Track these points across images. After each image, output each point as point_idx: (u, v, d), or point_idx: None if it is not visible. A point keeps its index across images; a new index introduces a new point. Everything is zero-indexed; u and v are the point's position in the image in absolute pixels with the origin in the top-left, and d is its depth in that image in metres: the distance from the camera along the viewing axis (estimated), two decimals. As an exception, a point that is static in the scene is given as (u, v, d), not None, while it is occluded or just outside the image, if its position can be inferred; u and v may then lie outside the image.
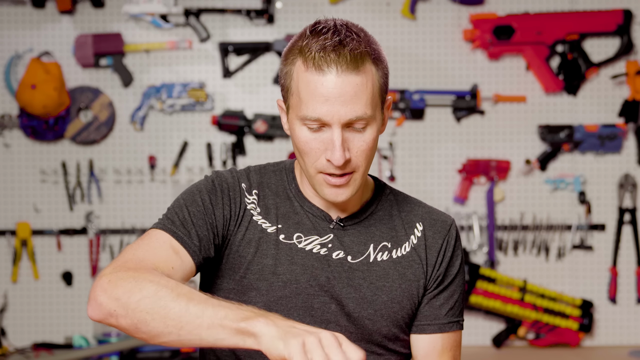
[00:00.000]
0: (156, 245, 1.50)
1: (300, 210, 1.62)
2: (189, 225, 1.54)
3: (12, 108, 3.57)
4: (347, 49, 1.45)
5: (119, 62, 3.54)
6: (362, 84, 1.46)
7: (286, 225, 1.60)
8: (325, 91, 1.45)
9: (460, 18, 3.57)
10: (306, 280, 1.57)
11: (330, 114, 1.46)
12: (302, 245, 1.59)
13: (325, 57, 1.45)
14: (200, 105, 3.56)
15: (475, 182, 3.57)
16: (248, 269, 1.58)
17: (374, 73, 1.49)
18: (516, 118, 3.58)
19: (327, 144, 1.49)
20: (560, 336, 3.53)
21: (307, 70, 1.47)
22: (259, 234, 1.59)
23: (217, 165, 3.58)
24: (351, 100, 1.46)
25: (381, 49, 1.55)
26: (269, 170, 1.67)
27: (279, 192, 1.64)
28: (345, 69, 1.45)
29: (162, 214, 1.59)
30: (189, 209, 1.56)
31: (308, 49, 1.47)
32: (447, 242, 1.65)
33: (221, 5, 3.56)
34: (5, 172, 3.58)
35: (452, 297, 1.65)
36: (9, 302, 3.60)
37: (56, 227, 3.58)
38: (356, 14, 3.56)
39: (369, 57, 1.48)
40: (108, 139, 3.58)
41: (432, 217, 1.67)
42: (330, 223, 1.61)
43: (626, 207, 3.59)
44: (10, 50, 3.56)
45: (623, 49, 3.53)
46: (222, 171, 1.66)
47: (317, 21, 1.51)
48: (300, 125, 1.50)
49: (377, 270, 1.60)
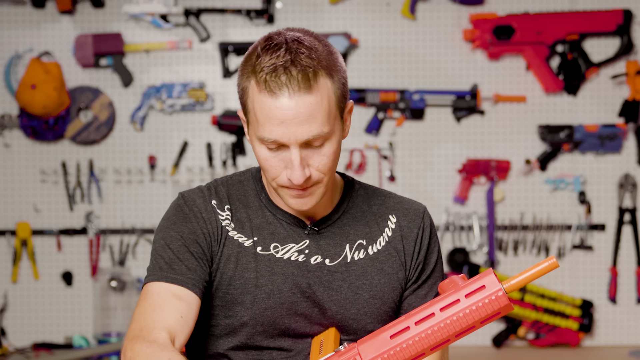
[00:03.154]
0: (159, 301, 1.51)
1: (273, 219, 1.61)
2: (177, 264, 1.55)
3: (12, 108, 3.57)
4: (298, 69, 1.43)
5: (119, 62, 3.54)
6: (317, 102, 1.45)
7: (262, 237, 1.60)
8: (279, 114, 1.44)
9: (460, 18, 3.57)
10: (288, 289, 1.58)
11: (287, 136, 1.45)
12: (279, 254, 1.59)
13: (276, 80, 1.43)
14: (200, 105, 3.56)
15: (475, 182, 3.57)
16: (230, 284, 1.58)
17: (329, 87, 1.47)
18: (516, 118, 3.58)
19: (287, 163, 1.49)
20: (560, 336, 3.53)
21: (260, 92, 1.45)
22: (236, 248, 1.59)
23: (217, 166, 3.58)
24: (306, 121, 1.45)
25: (337, 56, 1.51)
26: (235, 181, 1.66)
27: (249, 203, 1.63)
28: (298, 91, 1.43)
29: (148, 264, 1.59)
30: (171, 247, 1.57)
31: (260, 69, 1.45)
32: (422, 229, 1.65)
33: (221, 5, 3.56)
34: (5, 172, 3.58)
35: (436, 284, 1.66)
36: (9, 302, 3.60)
37: (56, 227, 3.58)
38: (356, 14, 3.56)
39: (322, 72, 1.46)
40: (108, 139, 3.58)
41: (404, 207, 1.67)
42: (304, 229, 1.61)
43: (626, 207, 3.59)
44: (10, 50, 3.56)
45: (623, 49, 3.53)
46: (189, 193, 1.65)
47: (269, 36, 1.49)
48: (259, 144, 1.50)
49: (355, 269, 1.61)
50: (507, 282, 1.32)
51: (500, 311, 1.31)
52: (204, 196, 1.63)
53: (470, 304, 1.31)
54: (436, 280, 1.66)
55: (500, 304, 1.31)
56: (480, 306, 1.31)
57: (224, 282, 1.58)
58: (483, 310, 1.31)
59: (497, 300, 1.31)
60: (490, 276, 1.31)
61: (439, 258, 1.67)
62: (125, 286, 3.54)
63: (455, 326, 1.32)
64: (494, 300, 1.30)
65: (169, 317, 1.49)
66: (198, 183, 3.57)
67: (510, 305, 1.31)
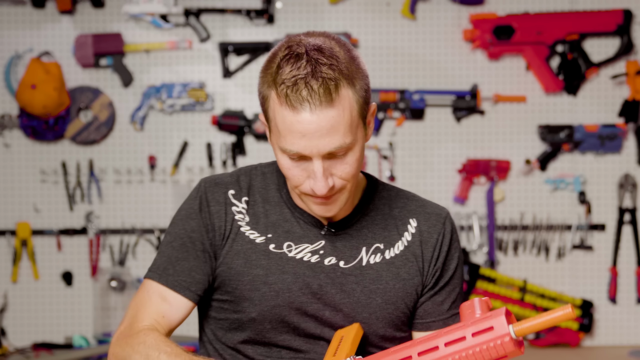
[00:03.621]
0: (146, 298, 1.61)
1: (291, 217, 1.61)
2: (174, 264, 1.59)
3: (12, 108, 3.57)
4: (320, 82, 1.41)
5: (119, 62, 3.54)
6: (339, 114, 1.44)
7: (276, 235, 1.60)
8: (301, 128, 1.43)
9: (460, 18, 3.57)
10: (298, 289, 1.57)
11: (309, 149, 1.45)
12: (292, 254, 1.59)
13: (297, 94, 1.42)
14: (200, 105, 3.56)
15: (475, 182, 3.57)
16: (239, 281, 1.58)
17: (351, 97, 1.45)
18: (516, 118, 3.58)
19: (310, 173, 1.48)
20: (560, 336, 3.53)
21: (281, 106, 1.45)
22: (247, 245, 1.59)
23: (217, 166, 3.58)
24: (328, 133, 1.44)
25: (358, 61, 1.49)
26: (259, 173, 1.66)
27: (269, 197, 1.63)
28: (319, 105, 1.42)
29: (153, 259, 1.65)
30: (173, 245, 1.61)
31: (281, 82, 1.44)
32: (442, 235, 1.63)
33: (221, 5, 3.56)
34: (5, 172, 3.58)
35: (454, 291, 1.64)
36: (9, 302, 3.60)
37: (56, 227, 3.58)
38: (356, 14, 3.56)
39: (343, 83, 1.44)
40: (108, 139, 3.59)
41: (426, 211, 1.64)
42: (321, 229, 1.60)
43: (626, 207, 3.59)
44: (10, 50, 3.56)
45: (623, 49, 3.53)
46: (209, 181, 1.64)
47: (289, 45, 1.47)
48: (281, 153, 1.50)
49: (370, 273, 1.59)
50: (519, 326, 1.27)
51: (507, 355, 1.27)
52: (223, 184, 1.63)
53: (475, 344, 1.27)
54: (454, 287, 1.64)
55: (506, 349, 1.26)
56: (485, 349, 1.27)
57: (232, 277, 1.58)
58: (487, 353, 1.27)
59: (503, 346, 1.26)
60: (500, 318, 1.27)
61: (458, 265, 1.64)
62: (125, 286, 3.54)
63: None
64: (500, 345, 1.26)
65: (151, 314, 1.58)
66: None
67: (517, 351, 1.27)
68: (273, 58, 1.48)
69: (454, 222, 1.68)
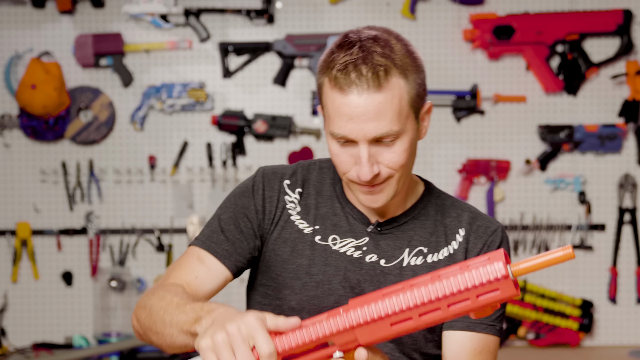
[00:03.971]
0: (185, 260, 1.62)
1: (340, 211, 1.63)
2: (218, 234, 1.61)
3: (12, 108, 3.57)
4: (369, 67, 1.44)
5: (119, 62, 3.54)
6: (386, 101, 1.45)
7: (323, 227, 1.62)
8: (348, 110, 1.46)
9: (460, 18, 3.57)
10: (338, 282, 1.59)
11: (355, 132, 1.46)
12: (336, 247, 1.60)
13: (346, 77, 1.45)
14: (200, 105, 3.56)
15: (475, 182, 3.57)
16: (283, 268, 1.61)
17: (402, 86, 1.47)
18: (516, 118, 3.58)
19: (356, 159, 1.50)
20: (560, 336, 3.53)
21: (332, 89, 1.48)
22: (295, 234, 1.62)
23: (217, 166, 3.58)
24: (375, 118, 1.45)
25: (415, 56, 1.52)
26: (317, 167, 1.68)
27: (323, 191, 1.65)
28: (367, 89, 1.44)
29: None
30: (221, 217, 1.63)
31: (333, 66, 1.47)
32: (487, 246, 1.61)
33: (221, 5, 3.56)
34: (5, 172, 3.58)
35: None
36: (9, 302, 3.60)
37: (56, 227, 3.58)
38: (356, 14, 3.56)
39: (394, 71, 1.46)
40: (108, 139, 3.59)
41: (477, 223, 1.63)
42: (367, 226, 1.61)
43: (626, 207, 3.59)
44: (10, 50, 3.56)
45: (623, 49, 3.53)
46: (268, 169, 1.68)
47: (346, 34, 1.51)
48: (331, 139, 1.52)
49: (409, 274, 1.59)
50: (516, 266, 1.22)
51: (499, 288, 1.21)
52: (280, 173, 1.66)
53: (470, 267, 1.22)
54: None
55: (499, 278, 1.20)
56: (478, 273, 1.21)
57: (277, 264, 1.61)
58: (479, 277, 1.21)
59: (497, 272, 1.20)
60: (499, 251, 1.22)
61: None
62: (125, 286, 3.54)
63: (448, 287, 1.22)
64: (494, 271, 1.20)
65: (185, 274, 1.58)
66: (198, 183, 3.58)
67: (512, 288, 1.21)
68: (330, 48, 1.51)
69: (507, 237, 1.64)
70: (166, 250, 3.58)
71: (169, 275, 1.60)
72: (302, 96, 3.58)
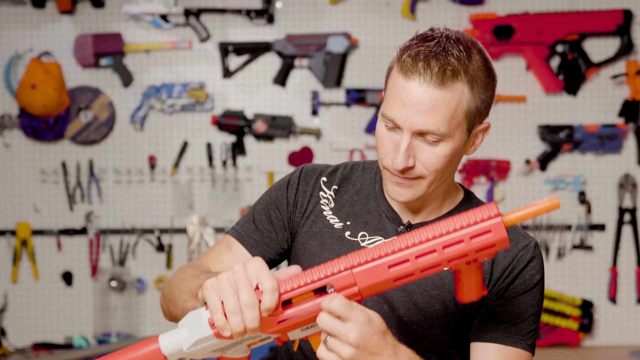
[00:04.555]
0: (216, 246, 1.68)
1: (375, 209, 1.63)
2: (250, 224, 1.66)
3: (12, 108, 3.57)
4: (439, 63, 1.44)
5: (119, 62, 3.54)
6: (443, 100, 1.44)
7: (354, 223, 1.62)
8: (404, 96, 1.46)
9: (460, 18, 3.57)
10: None
11: (403, 119, 1.46)
12: (364, 244, 1.61)
13: (414, 64, 1.45)
14: (200, 105, 3.56)
15: (475, 182, 3.57)
16: (312, 261, 1.61)
17: (464, 94, 1.46)
18: (516, 118, 3.59)
19: (397, 147, 1.49)
20: (560, 336, 3.53)
21: (398, 72, 1.48)
22: (325, 228, 1.63)
23: (217, 166, 3.58)
24: (426, 112, 1.45)
25: (490, 75, 1.50)
26: (360, 168, 1.69)
27: (362, 190, 1.66)
28: (429, 81, 1.44)
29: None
30: (256, 208, 1.68)
31: (407, 52, 1.47)
32: (516, 261, 1.56)
33: (221, 5, 3.56)
34: (5, 172, 3.58)
35: (516, 314, 1.55)
36: (9, 302, 3.60)
37: (56, 227, 3.58)
38: (356, 14, 3.56)
39: (462, 77, 1.45)
40: (108, 139, 3.59)
41: (510, 237, 1.53)
42: (398, 226, 1.60)
43: (626, 207, 3.59)
44: (10, 50, 3.56)
45: (623, 49, 3.53)
46: (309, 166, 1.70)
47: (433, 28, 1.51)
48: (381, 120, 1.52)
49: (434, 278, 1.57)
50: (507, 216, 1.28)
51: (491, 229, 1.26)
52: (319, 170, 1.68)
53: (462, 216, 1.27)
54: (521, 312, 1.56)
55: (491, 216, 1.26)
56: (472, 222, 1.27)
57: (306, 256, 1.63)
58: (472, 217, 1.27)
59: (489, 212, 1.26)
60: (492, 204, 1.28)
61: (529, 292, 1.55)
62: (125, 286, 3.54)
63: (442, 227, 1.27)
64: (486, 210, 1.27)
65: (213, 259, 1.64)
66: (198, 183, 3.58)
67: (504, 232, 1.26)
68: (414, 36, 1.51)
69: (541, 254, 1.60)
70: (166, 250, 3.58)
71: (199, 259, 1.65)
72: (302, 96, 3.58)
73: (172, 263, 3.58)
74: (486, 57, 1.50)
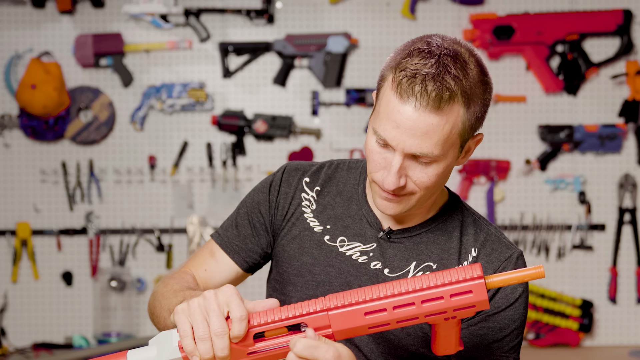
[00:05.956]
0: (200, 251, 1.68)
1: (356, 213, 1.60)
2: (232, 229, 1.66)
3: (12, 108, 3.57)
4: (436, 87, 1.39)
5: (119, 62, 3.54)
6: (439, 125, 1.41)
7: (334, 227, 1.60)
8: (399, 118, 1.41)
9: (460, 18, 3.57)
10: (339, 284, 1.56)
11: (396, 141, 1.42)
12: (343, 249, 1.58)
13: (410, 87, 1.40)
14: (200, 105, 3.56)
15: (475, 182, 3.57)
16: (289, 264, 1.61)
17: (460, 115, 1.42)
18: (516, 118, 3.58)
19: (388, 164, 1.46)
20: (560, 336, 3.53)
21: (392, 90, 1.43)
22: (305, 231, 1.61)
23: (217, 166, 3.58)
24: (420, 136, 1.41)
25: (486, 88, 1.47)
26: (345, 167, 1.66)
27: (344, 191, 1.63)
28: (425, 106, 1.39)
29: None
30: (239, 212, 1.67)
31: (402, 69, 1.42)
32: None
33: (221, 5, 3.56)
34: (5, 172, 3.58)
35: (497, 329, 1.52)
36: (9, 302, 3.60)
37: (56, 227, 3.58)
38: (356, 14, 3.56)
39: (459, 99, 1.41)
40: (108, 139, 3.59)
41: (491, 246, 1.55)
42: (378, 232, 1.58)
43: (626, 207, 3.59)
44: (10, 50, 3.56)
45: (623, 49, 3.53)
46: (292, 165, 1.68)
47: (429, 40, 1.44)
48: (372, 134, 1.47)
49: None
50: (490, 279, 1.27)
51: (473, 290, 1.24)
52: (302, 170, 1.66)
53: (445, 272, 1.26)
54: (502, 327, 1.52)
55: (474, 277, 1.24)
56: (454, 280, 1.25)
57: (285, 259, 1.62)
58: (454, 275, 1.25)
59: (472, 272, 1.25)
60: (476, 265, 1.26)
61: (511, 307, 1.52)
62: (125, 286, 3.54)
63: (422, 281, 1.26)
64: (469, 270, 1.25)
65: (197, 266, 1.65)
66: (198, 183, 3.58)
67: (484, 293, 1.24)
68: (409, 46, 1.46)
69: (525, 266, 1.54)
70: (166, 250, 3.58)
71: (184, 265, 1.66)
72: (302, 96, 3.58)
73: (172, 263, 3.58)
74: (482, 66, 1.46)
